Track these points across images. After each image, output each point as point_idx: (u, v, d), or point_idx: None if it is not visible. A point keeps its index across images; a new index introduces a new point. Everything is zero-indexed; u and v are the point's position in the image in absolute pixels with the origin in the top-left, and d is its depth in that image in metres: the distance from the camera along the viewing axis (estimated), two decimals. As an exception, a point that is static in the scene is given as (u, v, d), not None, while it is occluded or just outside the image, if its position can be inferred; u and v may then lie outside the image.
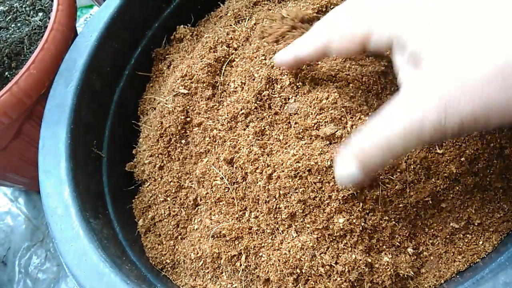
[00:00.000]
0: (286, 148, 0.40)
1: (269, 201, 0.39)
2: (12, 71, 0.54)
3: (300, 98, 0.41)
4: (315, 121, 0.39)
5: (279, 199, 0.38)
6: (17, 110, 0.51)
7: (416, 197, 0.38)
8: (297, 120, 0.40)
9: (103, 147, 0.51)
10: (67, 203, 0.41)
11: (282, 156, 0.39)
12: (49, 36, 0.52)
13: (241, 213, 0.41)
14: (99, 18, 0.52)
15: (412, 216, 0.39)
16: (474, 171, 0.39)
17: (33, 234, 0.73)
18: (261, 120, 0.42)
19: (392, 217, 0.38)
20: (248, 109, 0.43)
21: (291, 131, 0.41)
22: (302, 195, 0.37)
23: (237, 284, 0.40)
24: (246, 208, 0.40)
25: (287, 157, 0.38)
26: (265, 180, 0.39)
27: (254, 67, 0.45)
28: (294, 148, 0.39)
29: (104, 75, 0.52)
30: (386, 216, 0.38)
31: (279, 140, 0.41)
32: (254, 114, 0.42)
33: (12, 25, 0.58)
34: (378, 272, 0.37)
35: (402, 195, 0.38)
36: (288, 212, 0.38)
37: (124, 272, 0.38)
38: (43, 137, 0.46)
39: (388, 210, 0.38)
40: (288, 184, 0.37)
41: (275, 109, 0.42)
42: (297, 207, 0.37)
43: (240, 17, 0.54)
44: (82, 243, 0.39)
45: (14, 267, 0.70)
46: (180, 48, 0.57)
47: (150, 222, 0.47)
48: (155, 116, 0.49)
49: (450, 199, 0.39)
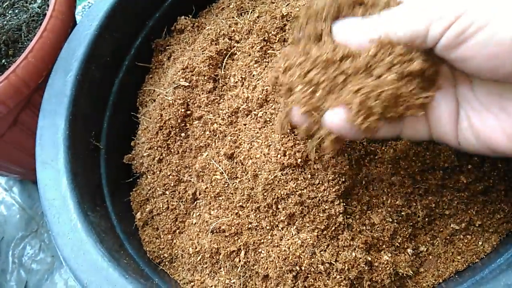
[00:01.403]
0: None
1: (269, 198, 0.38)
2: (9, 58, 0.53)
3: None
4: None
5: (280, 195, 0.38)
6: (15, 99, 0.50)
7: (422, 206, 0.38)
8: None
9: (102, 139, 0.50)
10: (65, 195, 0.41)
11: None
12: (48, 24, 0.51)
13: (240, 209, 0.40)
14: (100, 7, 0.51)
15: (414, 220, 0.39)
16: (480, 176, 0.39)
17: (28, 224, 0.72)
18: (262, 116, 0.42)
19: (394, 219, 0.38)
20: (249, 105, 0.42)
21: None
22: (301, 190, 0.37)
23: (235, 280, 0.40)
24: (246, 204, 0.40)
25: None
26: (265, 176, 0.38)
27: (252, 62, 0.44)
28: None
29: (103, 65, 0.51)
30: (389, 217, 0.38)
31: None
32: (255, 110, 0.42)
33: (9, 11, 0.57)
34: (377, 271, 0.37)
35: (408, 204, 0.38)
36: (289, 209, 0.37)
37: (122, 266, 0.37)
38: (40, 127, 0.45)
39: (391, 212, 0.38)
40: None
41: (274, 105, 0.42)
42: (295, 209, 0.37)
43: (243, 9, 0.53)
44: (80, 236, 0.38)
45: (8, 258, 0.70)
46: (181, 40, 0.56)
47: (148, 216, 0.47)
48: (155, 108, 0.49)
49: (454, 205, 0.39)
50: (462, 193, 0.39)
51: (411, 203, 0.39)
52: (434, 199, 0.39)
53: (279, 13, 0.47)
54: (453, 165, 0.38)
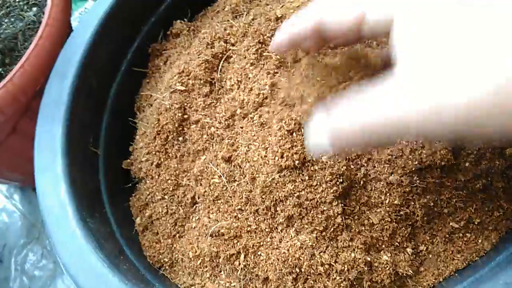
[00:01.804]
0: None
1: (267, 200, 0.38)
2: (5, 67, 0.53)
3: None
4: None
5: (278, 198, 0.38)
6: (12, 107, 0.50)
7: (420, 205, 0.38)
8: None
9: (100, 144, 0.50)
10: (64, 201, 0.41)
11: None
12: (44, 32, 0.51)
13: (239, 212, 0.40)
14: (95, 13, 0.51)
15: (413, 219, 0.39)
16: (478, 173, 0.38)
17: (29, 231, 0.72)
18: (258, 118, 0.42)
19: (393, 219, 0.38)
20: (245, 108, 0.42)
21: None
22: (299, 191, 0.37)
23: (235, 283, 0.40)
24: (245, 207, 0.40)
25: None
26: (263, 179, 0.38)
27: (248, 65, 0.44)
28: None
29: (100, 71, 0.51)
30: (388, 217, 0.38)
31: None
32: (251, 113, 0.42)
33: (5, 20, 0.57)
34: (377, 271, 0.37)
35: (407, 203, 0.38)
36: (287, 211, 0.37)
37: (122, 272, 0.37)
38: (38, 134, 0.45)
39: (390, 212, 0.38)
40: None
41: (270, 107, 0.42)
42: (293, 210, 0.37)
43: (238, 12, 0.53)
44: (79, 243, 0.38)
45: (10, 265, 0.70)
46: (177, 44, 0.56)
47: (148, 221, 0.47)
48: (152, 113, 0.49)
49: (453, 204, 0.39)
50: (460, 191, 0.39)
51: (409, 202, 0.39)
52: (432, 197, 0.39)
53: (273, 15, 0.47)
54: (451, 163, 0.38)
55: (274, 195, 0.38)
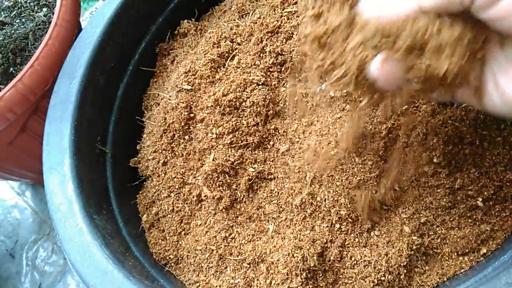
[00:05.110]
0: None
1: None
2: (16, 67, 0.54)
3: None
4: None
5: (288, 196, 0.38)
6: (22, 106, 0.51)
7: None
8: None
9: (107, 143, 0.51)
10: (71, 199, 0.41)
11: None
12: (53, 32, 0.52)
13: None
14: (103, 14, 0.52)
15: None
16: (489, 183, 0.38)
17: (40, 227, 0.74)
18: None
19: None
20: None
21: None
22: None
23: (240, 279, 0.40)
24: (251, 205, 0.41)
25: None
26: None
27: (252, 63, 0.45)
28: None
29: (108, 71, 0.52)
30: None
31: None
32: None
33: (16, 20, 0.58)
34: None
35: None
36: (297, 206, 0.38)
37: (127, 268, 0.38)
38: (47, 134, 0.46)
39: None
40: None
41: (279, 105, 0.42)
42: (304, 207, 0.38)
43: (244, 11, 0.53)
44: (85, 240, 0.39)
45: (22, 260, 0.71)
46: (184, 43, 0.56)
47: (154, 218, 0.47)
48: (159, 111, 0.49)
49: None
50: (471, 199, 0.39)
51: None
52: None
53: (278, 13, 0.47)
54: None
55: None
